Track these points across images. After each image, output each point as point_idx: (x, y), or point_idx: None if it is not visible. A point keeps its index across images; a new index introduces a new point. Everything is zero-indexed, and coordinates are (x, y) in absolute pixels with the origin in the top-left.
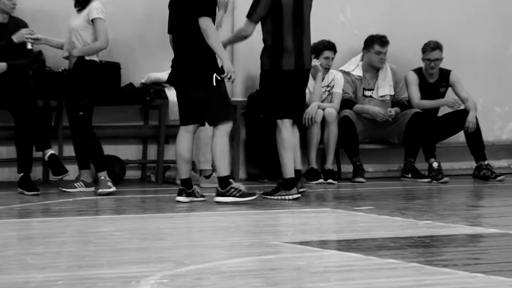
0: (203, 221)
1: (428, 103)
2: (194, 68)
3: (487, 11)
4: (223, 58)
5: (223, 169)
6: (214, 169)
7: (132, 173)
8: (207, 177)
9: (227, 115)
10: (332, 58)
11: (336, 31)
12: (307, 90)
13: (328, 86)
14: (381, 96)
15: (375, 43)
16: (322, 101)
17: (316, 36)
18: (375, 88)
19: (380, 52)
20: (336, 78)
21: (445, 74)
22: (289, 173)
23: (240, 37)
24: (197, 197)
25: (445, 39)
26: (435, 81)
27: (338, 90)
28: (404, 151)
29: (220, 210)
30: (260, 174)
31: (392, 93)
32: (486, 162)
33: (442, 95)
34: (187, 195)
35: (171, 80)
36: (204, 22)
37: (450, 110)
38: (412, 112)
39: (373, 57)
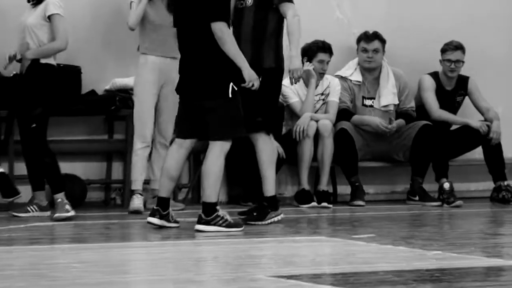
0: (175, 251)
1: (449, 117)
2: (208, 75)
3: (506, 8)
4: (243, 66)
5: (212, 194)
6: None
7: (94, 195)
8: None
9: (232, 133)
10: (328, 62)
11: (332, 29)
12: (298, 99)
13: (322, 94)
14: (384, 106)
15: (361, 39)
16: (316, 112)
17: (308, 35)
18: (377, 96)
19: (365, 50)
20: (332, 84)
21: (463, 81)
22: (274, 189)
23: (299, 25)
24: (170, 221)
25: (458, 40)
26: (452, 88)
27: (334, 98)
28: (411, 170)
29: (195, 238)
30: (244, 196)
31: (396, 102)
32: (506, 183)
33: (459, 105)
34: (160, 217)
35: (179, 89)
36: (218, 27)
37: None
38: (420, 124)
39: (360, 56)
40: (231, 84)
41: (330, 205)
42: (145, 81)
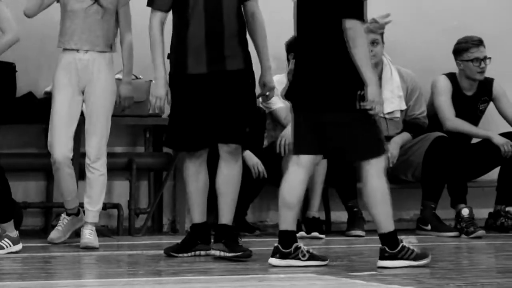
0: None
1: (466, 128)
2: (331, 82)
3: None
4: (369, 80)
5: (389, 223)
6: None
7: (31, 221)
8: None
9: (380, 148)
10: None
11: None
12: (282, 105)
13: None
14: (389, 113)
15: None
16: None
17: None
18: None
19: None
20: None
21: (486, 85)
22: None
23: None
24: (301, 259)
25: (485, 35)
26: (474, 93)
27: None
28: (422, 193)
29: (157, 275)
30: (215, 223)
31: (404, 107)
32: (507, 209)
33: (482, 113)
34: (282, 256)
35: (291, 95)
36: (352, 26)
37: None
38: (433, 136)
39: None
40: (359, 93)
41: (322, 236)
42: (58, 83)
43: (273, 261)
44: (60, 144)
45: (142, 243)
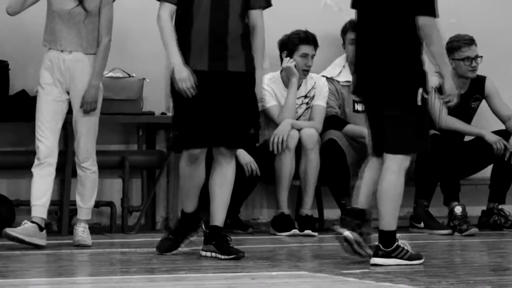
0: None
1: (459, 126)
2: (392, 78)
3: None
4: (446, 74)
5: (392, 221)
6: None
7: (24, 219)
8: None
9: (416, 147)
10: (312, 56)
11: (319, 18)
12: (276, 103)
13: (306, 96)
14: None
15: (348, 29)
16: (298, 118)
17: (287, 25)
18: None
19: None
20: (318, 85)
21: (478, 82)
22: None
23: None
24: (363, 247)
25: (477, 32)
26: (466, 91)
27: (320, 102)
28: (415, 191)
29: (150, 273)
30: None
31: None
32: (500, 207)
33: (474, 111)
34: (359, 233)
35: (359, 92)
36: (428, 23)
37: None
38: None
39: (349, 50)
40: (421, 90)
41: (315, 233)
42: (43, 82)
43: (346, 233)
44: (46, 138)
45: (135, 241)
